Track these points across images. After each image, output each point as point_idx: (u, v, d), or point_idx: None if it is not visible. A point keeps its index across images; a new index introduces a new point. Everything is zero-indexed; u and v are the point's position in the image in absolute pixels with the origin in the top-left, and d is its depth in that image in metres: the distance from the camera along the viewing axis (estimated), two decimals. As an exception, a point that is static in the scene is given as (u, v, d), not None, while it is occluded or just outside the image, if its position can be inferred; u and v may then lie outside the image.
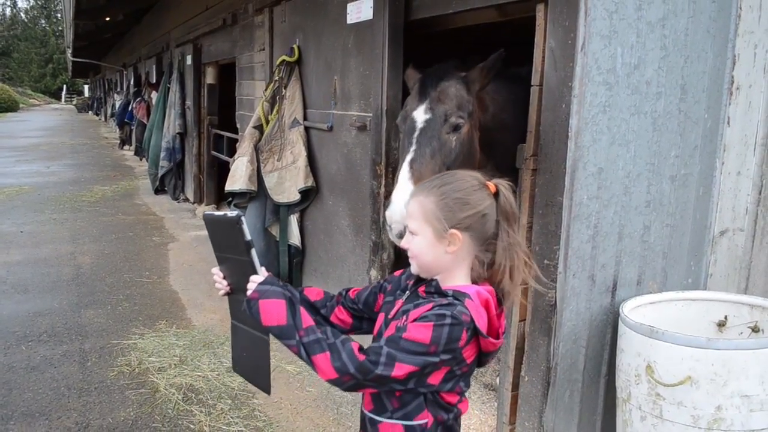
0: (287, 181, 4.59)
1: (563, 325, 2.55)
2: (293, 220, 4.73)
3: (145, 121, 11.50)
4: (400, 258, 3.89)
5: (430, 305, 1.50)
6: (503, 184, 1.60)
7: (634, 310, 2.55)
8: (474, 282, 1.60)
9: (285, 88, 4.61)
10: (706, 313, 2.68)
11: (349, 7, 3.83)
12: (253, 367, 1.80)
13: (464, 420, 3.28)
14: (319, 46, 4.34)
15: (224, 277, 1.72)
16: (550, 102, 2.52)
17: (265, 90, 4.85)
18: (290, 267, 4.77)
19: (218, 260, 1.73)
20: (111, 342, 4.21)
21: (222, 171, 8.68)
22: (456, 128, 2.58)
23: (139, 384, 3.64)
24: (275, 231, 4.72)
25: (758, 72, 2.74)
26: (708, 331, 2.66)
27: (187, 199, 9.20)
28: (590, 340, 2.63)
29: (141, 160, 12.90)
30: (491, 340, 1.52)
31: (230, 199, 4.82)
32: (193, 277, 5.69)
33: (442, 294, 1.54)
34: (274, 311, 1.52)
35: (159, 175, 9.22)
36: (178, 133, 8.93)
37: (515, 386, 2.86)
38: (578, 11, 2.35)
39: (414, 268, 1.63)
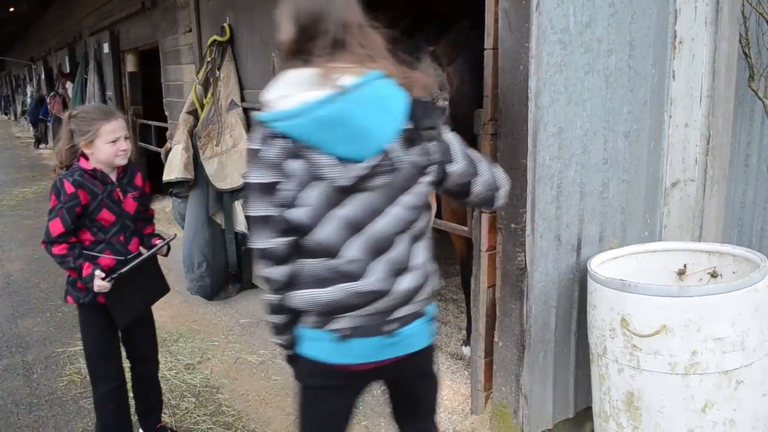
0: (228, 167, 4.40)
1: (534, 287, 2.56)
2: (238, 206, 4.55)
3: (61, 116, 10.80)
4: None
5: None
6: None
7: (600, 266, 2.58)
8: None
9: (218, 69, 4.40)
10: (666, 263, 2.75)
11: (283, -21, 3.66)
12: (152, 291, 2.67)
13: (437, 392, 3.27)
14: (252, 23, 4.15)
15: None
16: (508, 64, 2.49)
17: (198, 73, 4.62)
18: (238, 255, 4.61)
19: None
20: (55, 351, 3.95)
21: (152, 162, 8.28)
22: (444, 111, 2.50)
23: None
24: (220, 219, 4.53)
25: (700, 25, 2.79)
26: (669, 281, 2.73)
27: (117, 195, 8.73)
28: (560, 299, 2.66)
29: (61, 158, 12.13)
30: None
31: (171, 189, 4.59)
32: (135, 275, 5.41)
33: None
34: None
35: (84, 171, 8.69)
36: (101, 126, 8.43)
37: (488, 353, 2.86)
38: (530, -31, 2.31)
39: None
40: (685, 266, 2.74)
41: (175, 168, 4.36)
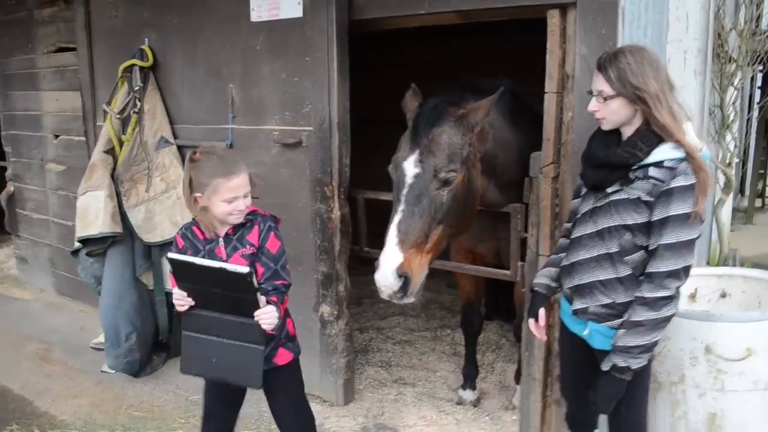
0: (158, 215, 3.73)
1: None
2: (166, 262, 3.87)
3: None
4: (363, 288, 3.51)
5: None
6: None
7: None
8: None
9: (141, 100, 3.72)
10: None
11: (254, 2, 3.26)
12: (234, 368, 2.17)
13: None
14: (194, 49, 3.60)
15: (188, 296, 2.15)
16: (584, 108, 2.52)
17: (109, 103, 3.84)
18: (170, 317, 3.91)
19: (182, 287, 2.15)
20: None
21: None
22: (446, 183, 2.43)
23: None
24: (146, 279, 3.80)
25: (689, 74, 3.16)
26: (683, 304, 2.99)
27: None
28: (616, 334, 2.75)
29: None
30: None
31: (78, 247, 3.72)
32: (4, 357, 4.24)
33: None
34: None
35: None
36: None
37: (543, 396, 2.84)
38: (617, 20, 2.40)
39: None
40: (696, 290, 3.03)
41: (93, 220, 3.55)
